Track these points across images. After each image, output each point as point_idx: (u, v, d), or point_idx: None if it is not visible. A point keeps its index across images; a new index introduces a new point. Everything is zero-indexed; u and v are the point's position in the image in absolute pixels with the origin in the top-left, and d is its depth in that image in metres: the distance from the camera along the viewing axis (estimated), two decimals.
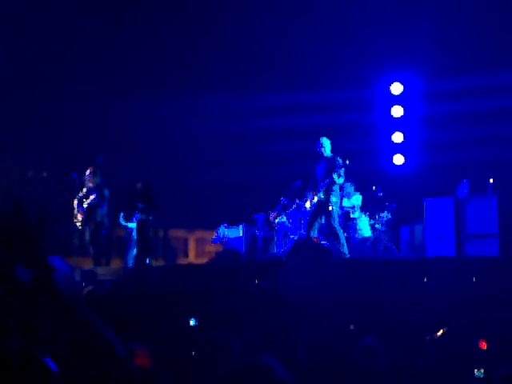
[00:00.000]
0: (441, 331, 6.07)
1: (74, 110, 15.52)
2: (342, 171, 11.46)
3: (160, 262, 14.67)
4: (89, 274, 10.74)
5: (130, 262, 13.81)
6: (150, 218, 12.91)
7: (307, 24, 15.56)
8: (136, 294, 8.66)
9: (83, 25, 14.97)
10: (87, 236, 12.90)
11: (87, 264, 13.01)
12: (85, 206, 12.87)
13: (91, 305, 7.27)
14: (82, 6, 14.77)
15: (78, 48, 15.16)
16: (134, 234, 13.79)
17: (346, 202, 13.95)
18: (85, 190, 12.87)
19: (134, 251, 14.01)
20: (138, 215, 12.87)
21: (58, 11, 14.68)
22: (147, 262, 13.04)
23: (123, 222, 13.61)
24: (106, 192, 12.93)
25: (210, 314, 7.66)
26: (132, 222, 13.74)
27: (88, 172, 12.87)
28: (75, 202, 12.87)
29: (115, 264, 13.67)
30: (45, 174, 15.68)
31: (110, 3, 15.13)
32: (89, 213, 12.86)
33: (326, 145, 11.74)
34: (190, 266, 14.02)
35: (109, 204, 13.00)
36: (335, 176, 11.34)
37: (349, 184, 13.93)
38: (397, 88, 16.61)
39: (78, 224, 12.86)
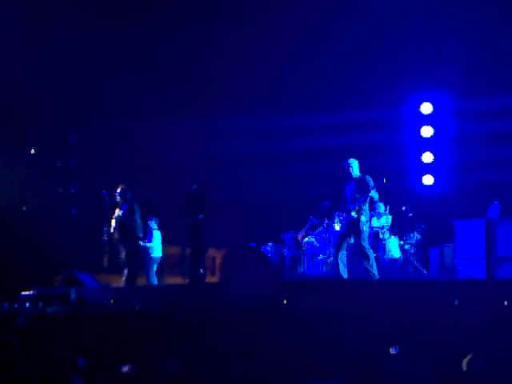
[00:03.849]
0: (468, 357, 6.00)
1: (105, 131, 15.79)
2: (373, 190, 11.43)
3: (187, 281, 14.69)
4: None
5: (154, 280, 13.84)
6: (201, 217, 12.89)
7: (337, 44, 15.60)
8: (186, 313, 8.65)
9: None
10: (122, 253, 12.87)
11: (116, 281, 13.06)
12: (114, 221, 12.90)
13: (142, 323, 7.32)
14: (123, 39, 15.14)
15: (106, 72, 15.39)
16: (151, 252, 13.85)
17: (375, 222, 13.92)
18: (118, 208, 12.93)
19: (155, 267, 14.09)
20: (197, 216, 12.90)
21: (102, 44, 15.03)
22: (201, 272, 13.05)
23: (141, 242, 13.67)
24: (136, 207, 12.97)
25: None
26: (149, 241, 13.85)
27: (119, 189, 12.94)
28: (113, 221, 12.88)
29: (142, 281, 13.70)
30: (73, 190, 15.82)
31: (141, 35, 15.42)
32: (119, 228, 12.87)
33: (354, 165, 11.67)
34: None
35: (140, 219, 13.00)
36: (373, 192, 11.29)
37: (381, 204, 13.90)
38: (427, 108, 16.56)
39: (115, 241, 12.86)
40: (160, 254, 14.08)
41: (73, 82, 15.20)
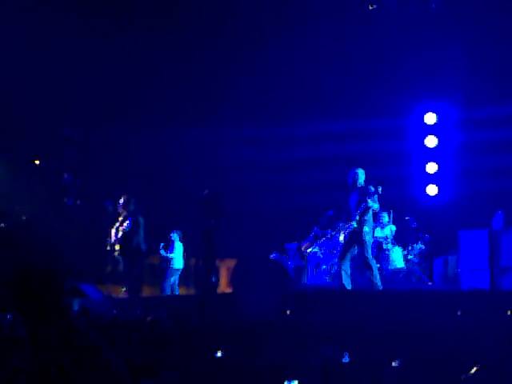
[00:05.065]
0: (474, 369, 5.96)
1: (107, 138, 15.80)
2: (375, 198, 11.40)
3: (191, 291, 14.68)
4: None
5: (168, 291, 13.93)
6: (212, 222, 12.79)
7: (343, 55, 15.61)
8: (198, 324, 8.58)
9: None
10: (122, 265, 12.82)
11: (119, 292, 13.01)
12: (119, 234, 12.83)
13: (154, 334, 7.24)
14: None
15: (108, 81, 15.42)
16: (172, 263, 14.04)
17: (378, 233, 13.88)
18: (121, 218, 12.84)
19: (172, 280, 14.21)
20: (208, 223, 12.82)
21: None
22: (213, 280, 13.03)
23: (163, 253, 13.89)
24: (141, 219, 12.91)
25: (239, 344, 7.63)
26: (171, 252, 14.03)
27: (122, 200, 12.88)
28: (113, 231, 12.80)
29: (146, 292, 13.68)
30: (78, 202, 15.83)
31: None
32: (124, 241, 12.80)
33: (361, 175, 11.69)
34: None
35: (144, 231, 12.93)
36: (370, 201, 11.25)
37: (385, 214, 13.88)
38: (431, 118, 16.54)
39: (116, 253, 12.79)
40: (181, 266, 14.41)
41: (73, 90, 15.23)
